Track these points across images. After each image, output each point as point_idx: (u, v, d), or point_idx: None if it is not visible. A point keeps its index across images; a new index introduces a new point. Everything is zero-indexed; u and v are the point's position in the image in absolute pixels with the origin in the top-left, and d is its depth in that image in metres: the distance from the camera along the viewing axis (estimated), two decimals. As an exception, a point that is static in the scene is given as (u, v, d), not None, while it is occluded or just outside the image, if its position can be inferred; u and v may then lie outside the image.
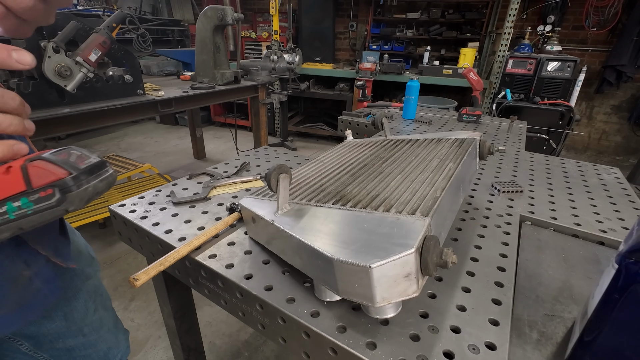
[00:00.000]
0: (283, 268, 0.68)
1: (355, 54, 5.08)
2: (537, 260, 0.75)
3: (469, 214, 0.90)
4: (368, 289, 0.45)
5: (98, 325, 0.78)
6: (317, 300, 0.59)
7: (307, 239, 0.53)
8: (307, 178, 0.80)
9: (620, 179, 1.19)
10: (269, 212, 0.66)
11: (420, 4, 4.59)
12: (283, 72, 3.71)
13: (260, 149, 1.38)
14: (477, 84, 2.12)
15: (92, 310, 0.76)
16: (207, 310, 1.88)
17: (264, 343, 1.71)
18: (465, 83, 3.52)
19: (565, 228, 0.87)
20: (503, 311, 0.58)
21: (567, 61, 3.10)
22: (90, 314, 0.76)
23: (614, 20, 3.80)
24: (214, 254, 0.72)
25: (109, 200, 2.48)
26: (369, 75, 4.04)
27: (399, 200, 0.59)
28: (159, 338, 1.71)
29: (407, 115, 1.96)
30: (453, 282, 0.64)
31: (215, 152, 4.33)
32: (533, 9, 4.08)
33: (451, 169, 0.70)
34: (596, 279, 0.52)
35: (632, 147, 4.33)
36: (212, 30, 2.41)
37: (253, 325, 0.66)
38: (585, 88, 4.07)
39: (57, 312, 0.69)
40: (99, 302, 0.79)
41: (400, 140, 0.97)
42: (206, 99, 2.49)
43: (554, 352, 0.53)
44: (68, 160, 0.33)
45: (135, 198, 0.94)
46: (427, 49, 4.30)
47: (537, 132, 2.62)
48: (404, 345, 0.51)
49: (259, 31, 5.07)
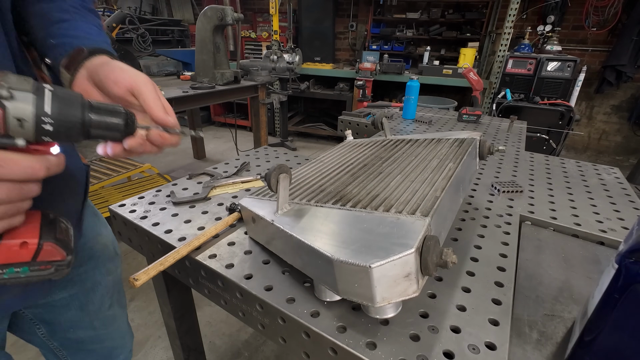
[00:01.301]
0: (283, 268, 0.68)
1: (355, 54, 5.08)
2: (537, 260, 0.75)
3: (469, 214, 0.90)
4: (368, 288, 0.45)
5: (110, 321, 0.79)
6: (317, 300, 0.59)
7: (307, 239, 0.53)
8: (307, 178, 0.80)
9: (620, 178, 1.19)
10: (269, 212, 0.66)
11: (420, 4, 4.59)
12: (283, 72, 3.71)
13: (260, 149, 1.38)
14: (477, 84, 2.12)
15: (107, 305, 0.77)
16: (207, 310, 1.88)
17: (264, 343, 1.71)
18: (465, 83, 3.52)
19: (565, 228, 0.87)
20: (503, 311, 0.58)
21: (567, 61, 3.09)
22: (105, 309, 0.76)
23: (613, 20, 3.80)
24: (214, 254, 0.72)
25: (109, 200, 2.48)
26: (368, 75, 4.04)
27: (399, 200, 0.59)
28: (159, 338, 1.71)
29: (407, 115, 1.96)
30: (453, 282, 0.64)
31: (215, 152, 4.33)
32: (533, 9, 4.08)
33: (451, 169, 0.70)
34: (596, 279, 0.52)
35: (632, 147, 4.33)
36: (212, 30, 2.41)
37: (253, 325, 0.66)
38: (585, 88, 4.07)
39: (74, 301, 0.70)
40: (115, 299, 0.79)
41: (400, 140, 0.97)
42: (206, 99, 2.48)
43: (554, 352, 0.53)
44: (69, 241, 0.38)
45: (135, 198, 0.94)
46: (427, 49, 4.30)
47: (537, 132, 2.62)
48: (404, 345, 0.51)
49: (259, 31, 5.07)
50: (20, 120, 0.29)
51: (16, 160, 0.30)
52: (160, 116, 0.39)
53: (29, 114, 0.29)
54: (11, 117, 0.29)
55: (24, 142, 0.30)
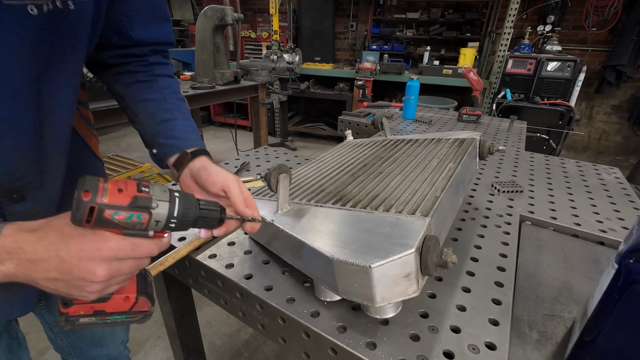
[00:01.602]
0: (283, 268, 0.68)
1: (355, 54, 5.08)
2: (537, 260, 0.75)
3: (469, 214, 0.90)
4: (368, 288, 0.45)
5: None
6: (317, 300, 0.59)
7: (307, 239, 0.53)
8: (307, 178, 0.80)
9: (620, 178, 1.19)
10: (269, 212, 0.66)
11: (420, 4, 4.59)
12: (283, 72, 3.71)
13: (260, 149, 1.38)
14: (477, 84, 2.12)
15: None
16: (207, 310, 1.88)
17: (264, 343, 1.71)
18: (465, 83, 3.52)
19: (565, 228, 0.87)
20: (503, 311, 0.58)
21: (567, 61, 3.09)
22: None
23: (613, 20, 3.79)
24: (213, 254, 0.71)
25: (109, 200, 2.48)
26: (368, 75, 4.04)
27: (399, 200, 0.59)
28: (159, 338, 1.71)
29: (407, 115, 1.96)
30: (453, 282, 0.64)
31: (215, 152, 4.33)
32: (533, 9, 4.08)
33: (451, 169, 0.70)
34: (596, 279, 0.52)
35: (632, 147, 4.33)
36: (212, 30, 2.41)
37: (253, 325, 0.66)
38: (585, 88, 4.06)
39: None
40: None
41: (400, 140, 0.97)
42: (206, 99, 2.48)
43: (554, 352, 0.53)
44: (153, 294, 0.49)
45: (135, 198, 0.94)
46: (427, 49, 4.30)
47: (537, 132, 2.62)
48: (404, 345, 0.51)
49: (259, 31, 5.07)
50: (157, 222, 0.40)
51: (145, 245, 0.41)
52: (241, 210, 0.53)
53: (164, 217, 0.41)
54: (152, 220, 0.40)
55: (152, 234, 0.42)
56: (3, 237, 0.37)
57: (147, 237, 0.42)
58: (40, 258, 0.37)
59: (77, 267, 0.38)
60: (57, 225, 0.38)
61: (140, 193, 0.39)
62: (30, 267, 0.37)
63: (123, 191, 0.38)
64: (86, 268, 0.38)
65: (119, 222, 0.38)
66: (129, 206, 0.38)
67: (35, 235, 0.38)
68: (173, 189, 0.43)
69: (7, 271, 0.37)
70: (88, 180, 0.37)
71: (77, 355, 0.87)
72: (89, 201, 0.36)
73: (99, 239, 0.38)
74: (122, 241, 0.39)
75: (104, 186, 0.37)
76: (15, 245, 0.37)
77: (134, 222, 0.39)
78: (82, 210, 0.36)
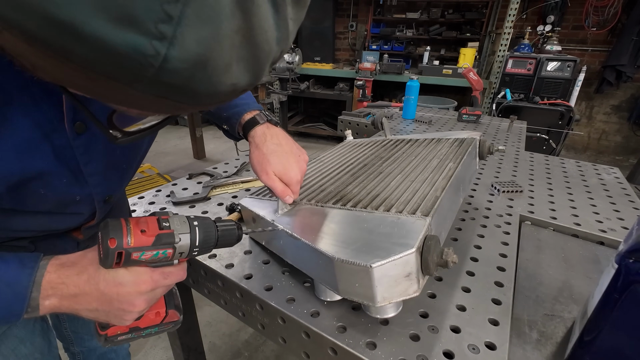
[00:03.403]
0: (283, 268, 0.68)
1: (355, 53, 5.08)
2: (537, 260, 0.75)
3: (469, 214, 0.90)
4: (369, 288, 0.45)
5: None
6: (317, 300, 0.59)
7: (308, 238, 0.53)
8: (307, 178, 0.80)
9: (620, 178, 1.19)
10: (269, 212, 0.66)
11: (420, 4, 4.59)
12: (283, 72, 3.71)
13: (260, 148, 1.38)
14: (477, 84, 2.12)
15: None
16: (207, 310, 1.88)
17: (264, 343, 1.71)
18: (465, 83, 3.51)
19: (565, 228, 0.87)
20: (503, 311, 0.58)
21: (567, 61, 3.09)
22: None
23: (613, 20, 3.79)
24: (213, 254, 0.72)
25: (108, 200, 2.48)
26: (368, 75, 4.04)
27: (400, 200, 0.60)
28: (159, 338, 1.71)
29: (407, 115, 1.96)
30: (453, 282, 0.65)
31: (215, 152, 4.33)
32: (533, 9, 4.08)
33: (451, 169, 0.70)
34: (596, 279, 0.52)
35: (632, 147, 4.33)
36: (212, 30, 2.40)
37: (253, 325, 0.66)
38: (585, 88, 4.06)
39: None
40: None
41: (400, 140, 0.97)
42: (206, 99, 2.48)
43: (554, 352, 0.53)
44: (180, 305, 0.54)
45: (135, 198, 0.94)
46: (427, 49, 4.29)
47: (536, 132, 2.62)
48: (404, 345, 0.51)
49: (259, 31, 5.06)
50: (181, 253, 0.43)
51: (174, 273, 0.46)
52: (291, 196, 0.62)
53: (187, 249, 0.43)
54: (177, 253, 0.43)
55: (177, 262, 0.46)
56: (48, 274, 0.40)
57: (172, 265, 0.46)
58: (82, 292, 0.41)
59: (117, 300, 0.42)
60: (93, 259, 0.42)
61: (162, 230, 0.41)
62: (73, 300, 0.41)
63: (146, 232, 0.40)
64: (126, 301, 0.42)
65: (146, 261, 0.41)
66: (154, 245, 0.41)
67: (75, 270, 0.42)
68: (191, 216, 0.45)
69: (52, 305, 0.41)
70: (111, 226, 0.39)
71: (79, 344, 0.89)
72: (115, 248, 0.38)
73: (133, 274, 0.42)
74: (154, 274, 0.43)
75: (127, 229, 0.40)
76: (60, 280, 0.41)
77: (160, 257, 0.42)
78: (110, 257, 0.39)
